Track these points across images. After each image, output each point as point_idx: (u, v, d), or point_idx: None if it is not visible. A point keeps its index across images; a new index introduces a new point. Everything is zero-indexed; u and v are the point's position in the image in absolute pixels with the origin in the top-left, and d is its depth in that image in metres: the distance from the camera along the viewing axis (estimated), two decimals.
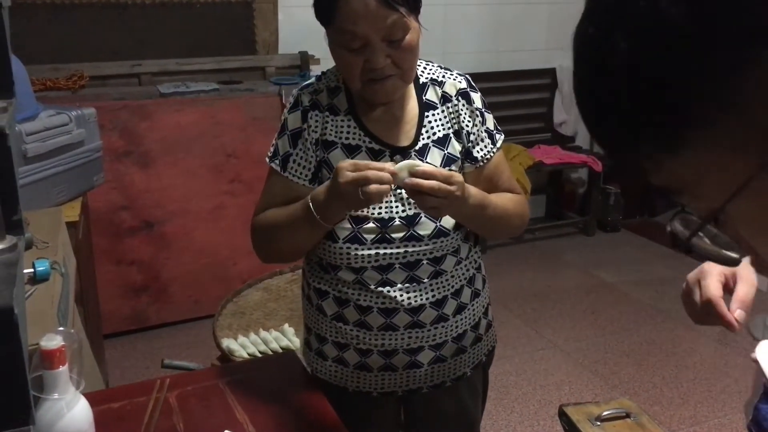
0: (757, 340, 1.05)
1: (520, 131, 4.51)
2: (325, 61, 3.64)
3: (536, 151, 4.35)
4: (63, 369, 0.98)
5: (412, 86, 1.34)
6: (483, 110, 1.38)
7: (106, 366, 2.71)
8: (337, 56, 1.25)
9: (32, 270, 1.36)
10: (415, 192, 1.17)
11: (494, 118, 1.42)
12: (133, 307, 3.21)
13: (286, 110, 1.35)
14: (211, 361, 2.11)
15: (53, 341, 0.96)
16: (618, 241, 4.47)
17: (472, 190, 1.26)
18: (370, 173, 1.14)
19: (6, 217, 0.97)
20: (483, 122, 1.37)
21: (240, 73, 3.56)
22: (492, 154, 1.38)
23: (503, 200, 1.36)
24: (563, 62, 4.51)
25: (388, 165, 1.16)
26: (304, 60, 3.62)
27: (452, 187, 1.17)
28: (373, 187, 1.13)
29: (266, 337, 2.03)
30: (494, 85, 4.28)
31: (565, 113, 4.59)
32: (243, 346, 1.96)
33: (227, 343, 1.98)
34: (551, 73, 4.51)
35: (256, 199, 1.44)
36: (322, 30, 1.29)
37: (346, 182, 1.15)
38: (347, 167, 1.16)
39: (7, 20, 1.17)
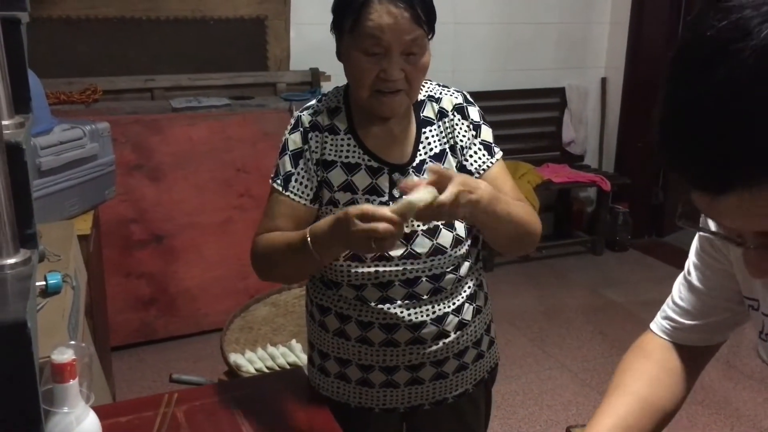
0: None
1: (529, 150, 4.52)
2: (336, 78, 3.66)
3: (545, 170, 4.35)
4: (73, 383, 0.98)
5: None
6: (480, 123, 1.38)
7: (113, 378, 2.72)
8: (352, 61, 1.25)
9: (44, 283, 1.37)
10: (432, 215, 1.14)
11: (500, 134, 1.41)
12: (141, 319, 3.22)
13: (287, 131, 1.36)
14: (218, 376, 2.11)
15: (64, 355, 0.97)
16: (626, 260, 4.45)
17: (483, 184, 1.21)
18: (381, 228, 1.09)
19: (20, 230, 0.98)
20: (477, 135, 1.37)
21: (251, 89, 3.59)
22: (488, 166, 1.36)
23: (514, 204, 1.30)
24: (572, 81, 4.53)
25: (390, 212, 1.10)
26: (315, 76, 3.66)
27: (452, 190, 1.11)
28: (388, 242, 1.11)
29: (273, 352, 2.03)
30: (503, 104, 4.30)
31: (574, 132, 4.60)
32: (250, 361, 1.97)
33: (235, 357, 1.99)
34: (560, 92, 4.53)
35: None
36: (334, 47, 1.31)
37: (357, 231, 1.11)
38: (357, 214, 1.12)
39: (25, 37, 1.19)
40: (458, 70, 4.11)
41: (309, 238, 1.21)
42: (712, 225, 0.93)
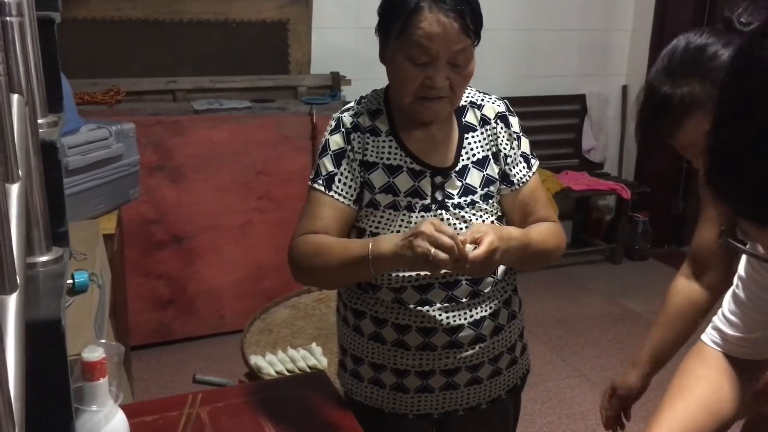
0: None
1: (549, 156, 4.49)
2: (356, 82, 3.66)
3: (564, 177, 4.33)
4: (103, 381, 0.98)
5: None
6: (520, 134, 1.39)
7: (132, 378, 2.73)
8: (397, 67, 1.25)
9: (71, 281, 1.38)
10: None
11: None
12: (160, 320, 3.24)
13: (327, 132, 1.36)
14: (238, 378, 2.11)
15: (95, 353, 0.97)
16: (645, 270, 4.41)
17: (514, 233, 1.26)
18: (446, 241, 1.13)
19: (53, 228, 0.98)
20: (519, 146, 1.39)
21: (272, 92, 3.60)
22: (528, 178, 1.39)
23: (543, 235, 1.35)
24: (593, 88, 4.51)
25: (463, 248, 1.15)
26: (336, 80, 3.66)
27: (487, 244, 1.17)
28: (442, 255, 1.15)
29: (294, 355, 2.03)
30: (524, 110, 4.25)
31: (594, 140, 4.57)
32: (271, 363, 1.96)
33: (255, 360, 1.99)
34: (581, 99, 4.50)
35: (284, 217, 1.44)
36: (355, 51, 1.31)
37: (423, 252, 1.13)
38: (428, 234, 1.14)
39: (56, 36, 1.20)
40: (479, 76, 4.04)
41: (371, 248, 1.20)
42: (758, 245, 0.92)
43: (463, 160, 1.34)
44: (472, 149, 1.35)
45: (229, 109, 3.25)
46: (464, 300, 1.34)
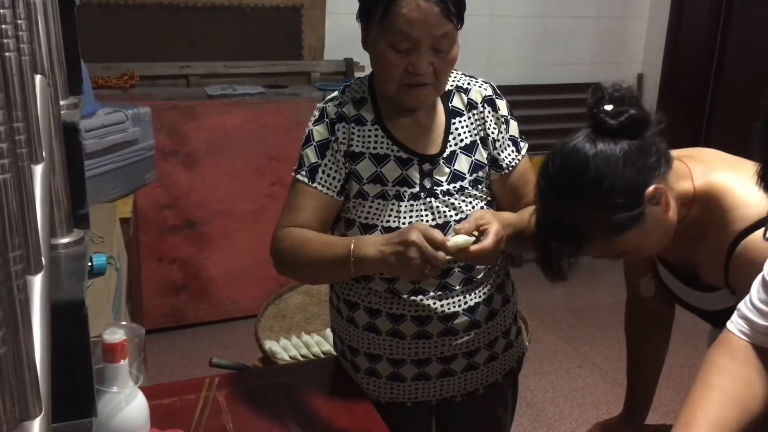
0: None
1: None
2: (369, 69, 3.64)
3: None
4: (123, 363, 0.99)
5: None
6: (508, 117, 1.37)
7: (147, 361, 2.74)
8: (379, 55, 1.23)
9: (90, 264, 1.38)
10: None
11: (533, 129, 1.42)
12: (172, 304, 3.25)
13: (311, 122, 1.34)
14: (250, 362, 2.12)
15: (116, 335, 0.97)
16: None
17: (512, 220, 1.27)
18: (440, 258, 1.16)
19: (74, 210, 0.98)
20: (507, 129, 1.37)
21: (286, 78, 3.59)
22: (517, 162, 1.37)
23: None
24: (609, 77, 4.45)
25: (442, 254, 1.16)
26: (349, 66, 3.64)
27: (491, 239, 1.17)
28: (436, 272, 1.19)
29: (308, 340, 2.03)
30: (537, 98, 4.25)
31: None
32: (285, 348, 1.97)
33: (270, 345, 1.99)
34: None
35: None
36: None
37: (417, 260, 1.14)
38: (427, 236, 1.15)
39: (76, 17, 1.19)
40: (492, 63, 4.07)
41: (353, 248, 1.20)
42: None
43: (450, 146, 1.32)
44: (459, 135, 1.33)
45: (243, 94, 3.24)
46: (458, 287, 1.33)
